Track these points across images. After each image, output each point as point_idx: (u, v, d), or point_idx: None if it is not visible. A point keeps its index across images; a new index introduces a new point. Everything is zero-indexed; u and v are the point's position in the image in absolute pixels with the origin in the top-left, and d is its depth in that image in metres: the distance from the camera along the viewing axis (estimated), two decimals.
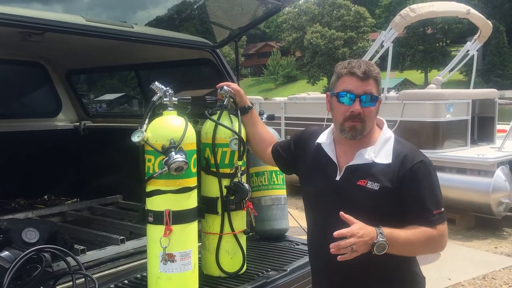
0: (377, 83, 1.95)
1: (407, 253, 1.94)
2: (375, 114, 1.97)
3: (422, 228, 1.85)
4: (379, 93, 1.96)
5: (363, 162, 1.95)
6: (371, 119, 1.95)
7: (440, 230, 1.87)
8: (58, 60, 4.40)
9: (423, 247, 1.91)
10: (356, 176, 1.94)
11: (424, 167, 1.91)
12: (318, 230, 2.10)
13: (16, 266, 2.05)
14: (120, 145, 2.77)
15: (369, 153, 1.95)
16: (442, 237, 1.89)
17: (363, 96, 1.89)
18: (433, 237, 1.86)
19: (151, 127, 2.20)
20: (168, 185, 2.16)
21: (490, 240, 6.66)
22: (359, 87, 1.89)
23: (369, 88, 1.90)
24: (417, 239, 1.84)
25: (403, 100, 7.77)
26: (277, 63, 69.10)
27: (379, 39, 8.44)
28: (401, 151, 1.95)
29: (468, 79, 30.57)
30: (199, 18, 3.83)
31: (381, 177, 1.90)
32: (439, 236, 1.88)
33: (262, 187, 3.15)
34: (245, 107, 2.56)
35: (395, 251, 1.80)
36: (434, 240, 1.88)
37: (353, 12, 61.56)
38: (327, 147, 2.07)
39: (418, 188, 1.88)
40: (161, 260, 2.17)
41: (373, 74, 1.92)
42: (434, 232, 1.86)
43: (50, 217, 3.52)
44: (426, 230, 1.85)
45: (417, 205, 1.88)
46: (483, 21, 9.01)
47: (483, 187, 6.63)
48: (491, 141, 8.16)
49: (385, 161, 1.93)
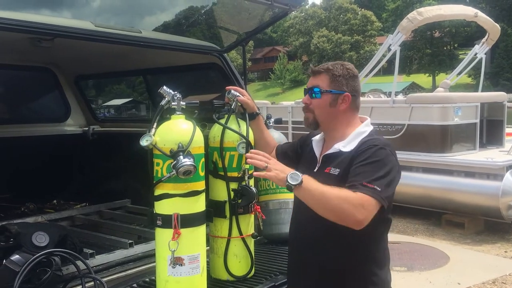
0: (330, 78, 2.10)
1: (318, 206, 1.88)
2: (326, 106, 2.10)
3: (344, 188, 1.86)
4: (333, 87, 2.09)
5: (332, 152, 2.10)
6: (319, 111, 2.12)
7: (360, 196, 1.80)
8: (67, 66, 4.45)
9: (334, 204, 1.82)
10: (326, 165, 2.09)
11: (376, 150, 1.95)
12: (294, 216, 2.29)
13: (26, 269, 2.07)
14: (128, 150, 2.79)
15: (339, 145, 2.08)
16: (358, 204, 1.80)
17: (310, 89, 2.15)
18: (348, 198, 1.80)
19: (159, 131, 2.21)
20: (176, 188, 2.17)
21: (500, 244, 6.61)
22: (311, 82, 2.17)
23: (316, 82, 2.13)
24: (331, 192, 1.82)
25: (411, 103, 7.75)
26: (284, 68, 69.14)
27: (386, 43, 8.44)
28: (366, 140, 2.04)
29: (476, 83, 30.38)
30: (206, 23, 3.85)
31: (342, 163, 2.01)
32: (356, 201, 1.79)
33: (270, 191, 3.15)
34: (252, 113, 2.59)
35: (307, 195, 1.87)
36: (348, 202, 1.80)
37: (360, 16, 61.58)
38: (315, 144, 2.24)
39: (360, 163, 1.92)
40: (170, 263, 2.17)
41: (323, 69, 2.13)
42: (352, 194, 1.81)
43: (59, 221, 3.54)
44: (345, 190, 1.84)
45: (353, 174, 1.91)
46: (491, 24, 8.98)
47: (492, 191, 6.59)
48: (500, 145, 8.12)
49: (348, 149, 2.03)
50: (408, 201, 7.50)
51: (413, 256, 6.02)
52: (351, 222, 1.83)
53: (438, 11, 8.29)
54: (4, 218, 3.46)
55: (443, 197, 7.11)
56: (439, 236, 6.96)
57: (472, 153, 7.52)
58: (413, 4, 51.51)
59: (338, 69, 2.11)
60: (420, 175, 7.38)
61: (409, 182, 7.43)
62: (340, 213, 1.83)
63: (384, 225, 2.08)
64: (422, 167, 7.36)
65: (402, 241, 6.64)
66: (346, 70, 2.11)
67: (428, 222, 7.50)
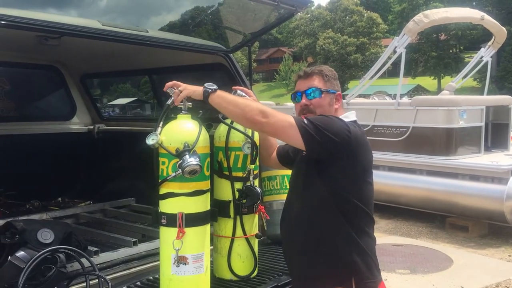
0: (323, 78, 2.21)
1: (229, 110, 2.13)
2: (326, 105, 2.19)
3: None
4: (329, 86, 2.21)
5: None
6: (322, 110, 2.17)
7: (279, 114, 2.03)
8: (73, 64, 4.47)
9: (242, 108, 2.06)
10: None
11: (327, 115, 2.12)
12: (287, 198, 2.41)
13: (31, 266, 2.08)
14: (133, 149, 2.80)
15: None
16: (263, 110, 2.02)
17: (307, 90, 2.20)
18: (256, 106, 2.06)
19: (165, 130, 2.22)
20: (182, 188, 2.18)
21: (504, 248, 6.57)
22: (303, 84, 2.23)
23: (312, 83, 2.21)
24: (242, 100, 2.15)
25: (416, 106, 7.73)
26: (289, 69, 69.07)
27: (392, 45, 8.42)
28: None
29: (482, 86, 30.33)
30: (212, 23, 3.86)
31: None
32: (261, 109, 2.02)
33: (274, 191, 3.15)
34: None
35: (220, 100, 2.10)
36: (254, 108, 2.03)
37: (365, 18, 61.43)
38: None
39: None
40: (174, 262, 2.18)
41: (315, 71, 2.23)
42: (260, 105, 2.09)
43: (63, 219, 3.56)
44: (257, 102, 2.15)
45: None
46: (497, 27, 8.95)
47: (496, 194, 6.55)
48: (505, 148, 8.08)
49: None
50: (412, 203, 7.48)
51: (416, 259, 6.00)
52: (252, 123, 2.06)
53: (445, 14, 8.27)
54: (9, 215, 3.48)
55: (447, 200, 7.08)
56: (443, 239, 6.94)
57: (477, 156, 7.48)
58: (419, 6, 51.31)
59: (327, 70, 2.25)
60: (424, 177, 7.36)
61: (413, 184, 7.42)
62: (243, 116, 2.06)
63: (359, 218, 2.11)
64: (426, 170, 7.34)
65: (405, 244, 6.62)
66: (332, 71, 2.26)
67: (431, 225, 7.48)
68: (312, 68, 2.26)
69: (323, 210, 2.08)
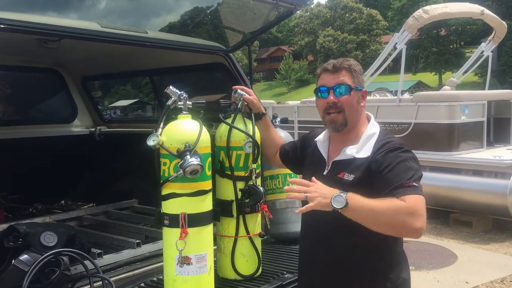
0: (351, 74, 2.03)
1: (371, 222, 1.80)
2: (355, 104, 2.03)
3: (389, 198, 1.77)
4: (356, 83, 2.03)
5: (345, 158, 2.03)
6: (350, 109, 2.01)
7: (409, 201, 1.73)
8: (73, 67, 4.47)
9: (387, 217, 1.75)
10: (338, 170, 2.03)
11: (396, 150, 1.92)
12: (306, 223, 2.23)
13: (35, 269, 2.08)
14: (135, 150, 2.80)
15: (351, 150, 2.02)
16: (410, 213, 1.72)
17: (335, 86, 2.01)
18: (399, 207, 1.73)
19: (166, 131, 2.22)
20: (184, 188, 2.18)
21: (508, 242, 6.56)
22: (331, 79, 2.03)
23: (341, 79, 2.02)
24: (380, 205, 1.74)
25: (417, 102, 7.72)
26: (289, 67, 69.05)
27: (392, 41, 8.41)
28: (380, 143, 1.99)
29: (483, 81, 30.17)
30: (211, 23, 3.86)
31: (357, 169, 1.96)
32: (407, 208, 1.72)
33: (277, 190, 3.15)
34: (259, 113, 2.59)
35: (356, 215, 1.76)
36: (401, 212, 1.73)
37: (365, 15, 61.35)
38: (320, 145, 2.18)
39: (388, 169, 1.86)
40: (177, 263, 2.18)
41: (344, 65, 2.03)
42: (401, 203, 1.74)
43: (67, 221, 3.56)
44: (392, 200, 1.76)
45: (388, 182, 1.83)
46: (497, 21, 8.92)
47: (500, 189, 6.55)
48: (508, 143, 8.07)
49: (364, 155, 1.99)
50: None
51: (420, 255, 6.00)
52: (410, 232, 1.76)
53: (444, 9, 8.25)
54: (12, 218, 3.49)
55: (450, 196, 7.08)
56: (447, 235, 6.93)
57: (479, 151, 7.47)
58: (419, 2, 51.19)
59: (355, 64, 2.06)
60: (427, 174, 7.32)
61: None
62: (395, 226, 1.77)
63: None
64: (429, 166, 7.32)
65: (409, 240, 6.58)
66: (359, 66, 2.09)
67: (435, 221, 7.46)
68: (340, 61, 2.04)
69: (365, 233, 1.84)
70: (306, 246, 2.24)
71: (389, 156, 1.90)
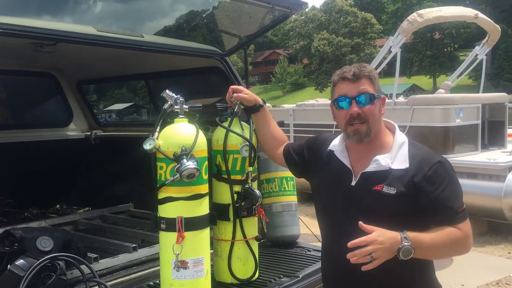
0: (372, 81, 1.93)
1: (432, 257, 1.91)
2: (378, 112, 1.94)
3: (446, 230, 1.82)
4: (377, 91, 1.95)
5: (380, 169, 1.92)
6: (374, 118, 1.92)
7: (464, 229, 1.84)
8: (69, 71, 4.46)
9: (449, 249, 1.87)
10: (372, 182, 1.92)
11: (442, 167, 1.89)
12: (333, 237, 2.08)
13: (30, 274, 2.07)
14: (131, 154, 2.79)
15: (385, 160, 1.92)
16: (466, 237, 1.86)
17: (358, 97, 1.90)
18: (458, 238, 1.83)
19: (162, 135, 2.22)
20: (180, 192, 2.17)
21: (503, 245, 6.59)
22: (352, 89, 1.91)
23: (362, 88, 1.91)
24: (442, 241, 1.81)
25: (412, 105, 7.75)
26: (285, 71, 69.20)
27: (387, 45, 8.44)
28: (416, 154, 1.93)
29: (477, 84, 30.24)
30: (207, 27, 3.87)
31: (397, 182, 1.88)
32: (464, 237, 1.85)
33: (273, 194, 3.16)
34: (256, 106, 2.48)
35: (420, 255, 1.77)
36: (459, 241, 1.85)
37: (360, 19, 61.60)
38: (339, 154, 2.05)
39: (440, 189, 1.84)
40: (174, 267, 2.18)
41: (365, 73, 1.92)
42: (458, 232, 1.83)
43: (62, 226, 3.55)
44: (451, 231, 1.82)
45: (440, 206, 1.84)
46: (491, 25, 8.98)
47: (495, 191, 6.57)
48: (502, 146, 8.10)
49: (402, 166, 1.90)
50: None
51: None
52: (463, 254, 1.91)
53: (439, 13, 8.29)
54: (7, 223, 3.47)
55: None
56: None
57: (474, 154, 7.50)
58: (413, 6, 51.51)
59: (372, 71, 1.97)
60: None
61: None
62: (454, 254, 1.97)
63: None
64: None
65: None
66: (375, 71, 2.00)
67: None
68: (359, 68, 1.93)
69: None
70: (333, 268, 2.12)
71: (439, 175, 1.87)
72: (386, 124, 2.06)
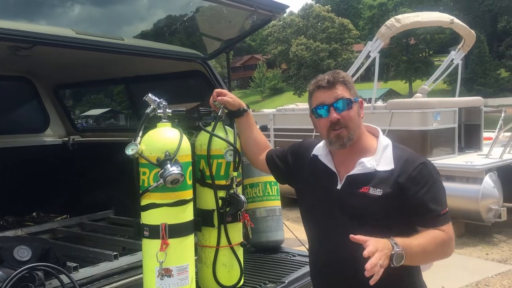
0: (347, 86, 1.95)
1: (420, 262, 1.90)
2: (357, 116, 1.96)
3: (431, 233, 1.84)
4: (353, 95, 1.97)
5: (365, 171, 1.93)
6: (353, 122, 1.94)
7: (448, 231, 1.87)
8: (46, 75, 4.35)
9: (435, 252, 1.87)
10: (358, 184, 1.92)
11: (426, 169, 1.91)
12: (320, 241, 2.08)
13: (8, 285, 1.99)
14: (110, 160, 2.74)
15: (370, 162, 1.93)
16: (450, 240, 1.88)
17: (336, 103, 1.92)
18: (443, 240, 1.85)
19: (145, 140, 2.17)
20: (164, 198, 2.12)
21: (481, 246, 6.70)
22: (329, 96, 1.93)
23: (338, 94, 1.93)
24: (428, 244, 1.82)
25: (391, 109, 7.83)
26: (263, 76, 69.48)
27: (365, 50, 8.54)
28: (401, 155, 1.95)
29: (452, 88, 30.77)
30: (189, 30, 3.82)
31: (383, 183, 1.89)
32: (448, 239, 1.86)
33: (257, 199, 3.13)
34: (239, 110, 2.45)
35: (410, 261, 1.75)
36: (444, 243, 1.86)
37: (337, 24, 62.38)
38: (324, 158, 2.06)
39: (423, 190, 1.87)
40: (158, 275, 2.12)
41: (339, 79, 1.95)
42: (443, 235, 1.85)
43: (40, 234, 3.45)
44: (436, 234, 1.84)
45: (423, 206, 1.86)
46: (466, 30, 9.17)
47: (472, 194, 6.68)
48: (478, 149, 8.26)
49: (387, 167, 1.92)
50: None
51: None
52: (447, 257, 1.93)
53: (416, 18, 8.43)
54: None
55: None
56: None
57: (451, 157, 7.62)
58: (389, 12, 52.46)
59: (346, 76, 1.99)
60: None
61: None
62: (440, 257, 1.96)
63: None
64: None
65: None
66: (349, 76, 2.02)
67: None
68: (333, 75, 1.95)
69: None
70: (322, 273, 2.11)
71: (423, 175, 1.89)
72: (369, 129, 2.08)
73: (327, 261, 2.03)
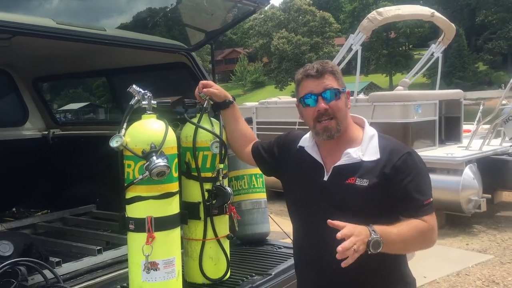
0: (335, 76, 1.94)
1: (400, 250, 1.91)
2: (344, 107, 1.95)
3: (412, 222, 1.84)
4: (341, 85, 1.95)
5: (352, 162, 1.93)
6: (341, 113, 1.93)
7: (429, 222, 1.86)
8: (24, 67, 4.24)
9: (415, 241, 1.87)
10: (345, 175, 1.92)
11: (411, 158, 1.91)
12: (306, 233, 2.06)
13: None
14: (92, 153, 2.69)
15: (356, 153, 1.93)
16: (432, 230, 1.87)
17: (324, 93, 1.91)
18: (423, 230, 1.84)
19: (130, 132, 2.13)
20: (150, 191, 2.09)
21: (461, 237, 6.81)
22: (317, 85, 1.91)
23: (327, 83, 1.91)
24: (408, 233, 1.81)
25: (373, 102, 7.89)
26: (245, 69, 69.31)
27: (348, 43, 8.57)
28: (387, 145, 1.95)
29: (432, 82, 31.13)
30: (172, 21, 3.77)
31: (370, 173, 1.89)
32: (429, 229, 1.86)
33: (242, 191, 3.11)
34: (225, 102, 2.42)
35: (389, 248, 1.76)
36: (425, 234, 1.86)
37: (318, 18, 62.50)
38: (310, 149, 2.05)
39: (407, 179, 1.87)
40: (144, 269, 2.09)
41: (328, 68, 1.93)
42: (424, 225, 1.85)
43: (20, 229, 3.37)
44: (416, 224, 1.84)
45: (407, 196, 1.86)
46: (447, 23, 9.27)
47: (452, 185, 6.77)
48: (458, 141, 8.38)
49: (373, 157, 1.92)
50: None
51: None
52: (429, 247, 1.91)
53: (397, 11, 8.48)
54: None
55: None
56: None
57: (432, 149, 7.72)
58: (370, 5, 52.75)
59: (334, 65, 1.98)
60: None
61: None
62: (420, 247, 1.94)
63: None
64: None
65: None
66: (337, 66, 2.01)
67: None
68: (322, 65, 1.94)
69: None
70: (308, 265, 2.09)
71: (408, 165, 1.88)
72: (355, 120, 2.07)
73: (313, 251, 2.02)
